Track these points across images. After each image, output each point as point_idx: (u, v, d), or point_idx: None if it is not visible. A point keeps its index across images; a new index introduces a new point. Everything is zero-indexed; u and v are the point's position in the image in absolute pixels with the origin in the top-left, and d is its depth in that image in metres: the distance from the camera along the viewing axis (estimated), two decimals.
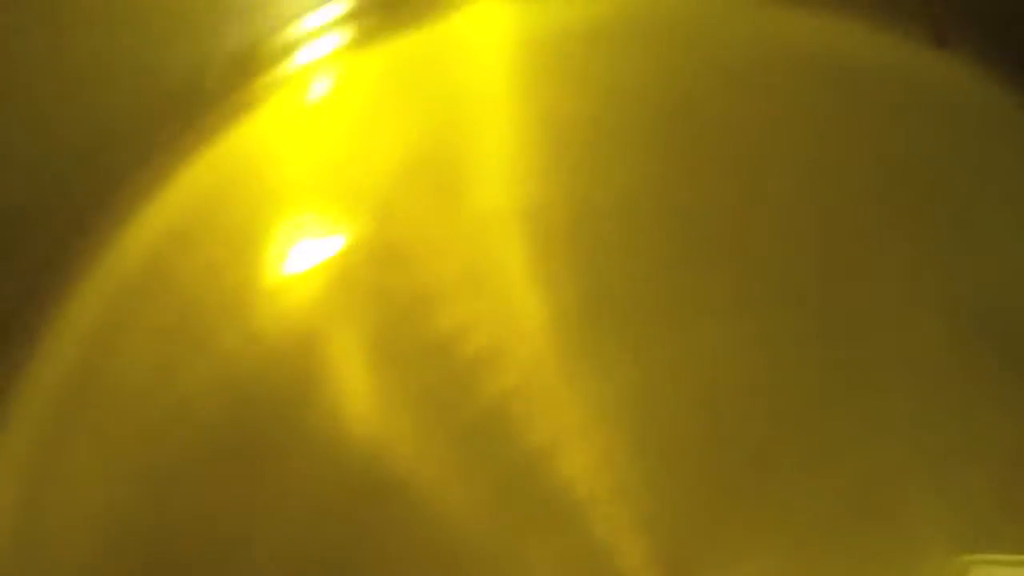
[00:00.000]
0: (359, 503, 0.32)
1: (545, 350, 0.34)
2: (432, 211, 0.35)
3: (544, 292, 0.34)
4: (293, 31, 0.37)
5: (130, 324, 0.35)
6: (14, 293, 0.34)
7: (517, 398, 0.33)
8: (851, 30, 0.37)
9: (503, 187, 0.36)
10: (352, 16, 0.37)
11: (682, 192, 0.35)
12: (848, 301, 0.34)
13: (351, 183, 0.36)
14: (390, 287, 0.34)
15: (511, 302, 0.34)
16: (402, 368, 0.34)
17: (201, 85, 0.36)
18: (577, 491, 0.32)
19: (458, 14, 0.37)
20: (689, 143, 0.36)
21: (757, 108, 0.36)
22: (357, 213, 0.35)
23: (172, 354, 0.34)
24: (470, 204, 0.35)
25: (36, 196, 0.35)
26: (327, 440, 0.33)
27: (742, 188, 0.35)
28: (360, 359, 0.34)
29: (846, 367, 0.33)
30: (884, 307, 0.34)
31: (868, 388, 0.33)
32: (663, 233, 0.35)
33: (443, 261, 0.35)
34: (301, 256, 0.35)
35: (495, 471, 0.32)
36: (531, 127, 0.36)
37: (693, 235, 0.35)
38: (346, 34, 0.37)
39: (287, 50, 0.37)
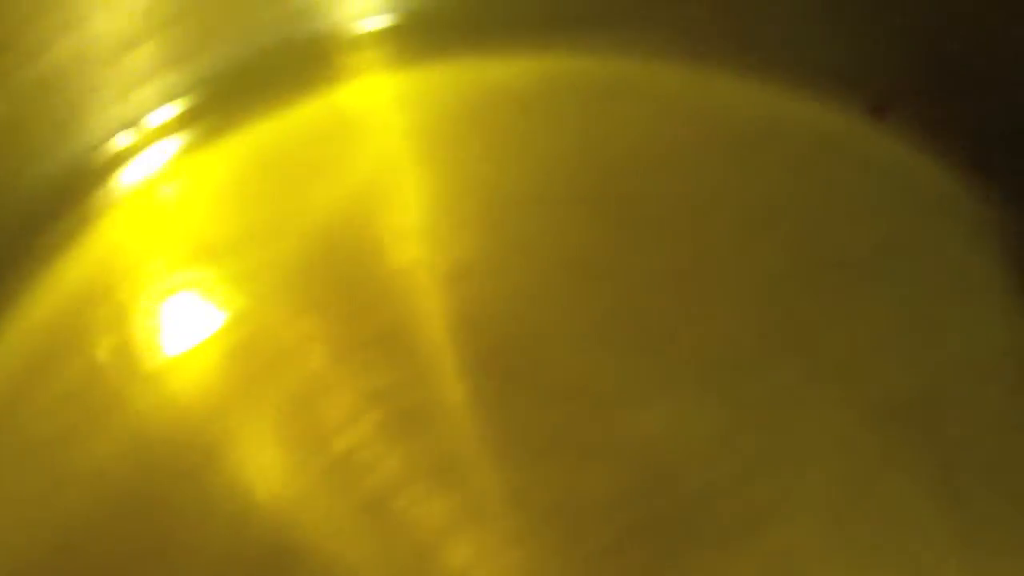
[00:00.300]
0: (261, 568, 0.32)
1: (460, 423, 0.33)
2: (342, 280, 0.35)
3: (463, 362, 0.34)
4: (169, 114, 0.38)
5: (38, 388, 0.34)
6: None
7: (426, 471, 0.33)
8: (788, 100, 0.36)
9: (419, 257, 0.36)
10: (227, 98, 0.38)
11: (605, 264, 0.35)
12: (773, 382, 0.33)
13: (257, 252, 0.36)
14: (299, 356, 0.34)
15: (427, 372, 0.34)
16: (310, 437, 0.33)
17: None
18: (479, 570, 0.31)
19: (343, 88, 0.38)
20: (615, 212, 0.35)
21: (687, 179, 0.36)
22: (264, 279, 0.35)
23: (82, 415, 0.34)
24: (382, 273, 0.35)
25: None
26: (232, 506, 0.33)
27: (668, 262, 0.35)
28: (267, 428, 0.34)
29: (768, 447, 0.33)
30: (810, 389, 0.33)
31: (789, 466, 0.32)
32: (585, 307, 0.34)
33: (356, 327, 0.34)
34: (206, 328, 0.35)
35: (399, 543, 0.32)
36: (449, 196, 0.36)
37: (615, 311, 0.34)
38: (225, 117, 0.38)
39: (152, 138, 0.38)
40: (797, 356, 0.34)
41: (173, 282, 0.36)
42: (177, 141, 0.38)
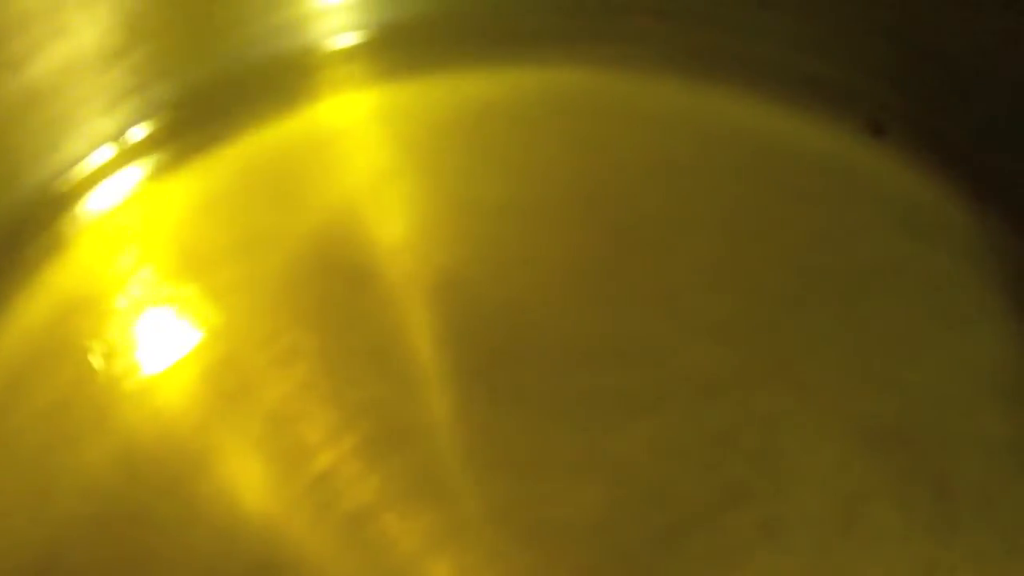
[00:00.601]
0: None
1: (445, 439, 0.33)
2: (327, 294, 0.35)
3: (447, 380, 0.34)
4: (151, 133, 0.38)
5: (22, 400, 0.34)
6: None
7: (410, 487, 0.32)
8: (784, 118, 0.36)
9: (406, 269, 0.35)
10: (210, 112, 0.38)
11: (592, 279, 0.35)
12: (760, 404, 0.33)
13: (241, 266, 0.36)
14: (284, 370, 0.34)
15: (412, 386, 0.34)
16: (295, 451, 0.33)
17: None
18: None
19: (324, 103, 0.38)
20: (602, 226, 0.35)
21: (677, 194, 0.36)
22: (249, 294, 0.35)
23: (68, 427, 0.34)
24: (367, 286, 0.35)
25: None
26: (216, 520, 0.33)
27: (656, 278, 0.35)
28: (252, 442, 0.34)
29: (754, 472, 0.32)
30: (798, 413, 0.33)
31: (775, 492, 0.32)
32: (572, 322, 0.34)
33: (343, 341, 0.34)
34: (190, 341, 0.35)
35: (381, 559, 0.32)
36: (434, 209, 0.36)
37: (603, 327, 0.34)
38: (209, 132, 0.38)
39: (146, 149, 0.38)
40: (785, 379, 0.33)
41: (157, 295, 0.36)
42: (159, 156, 0.38)
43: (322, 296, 0.35)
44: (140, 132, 0.38)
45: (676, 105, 0.37)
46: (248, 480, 0.33)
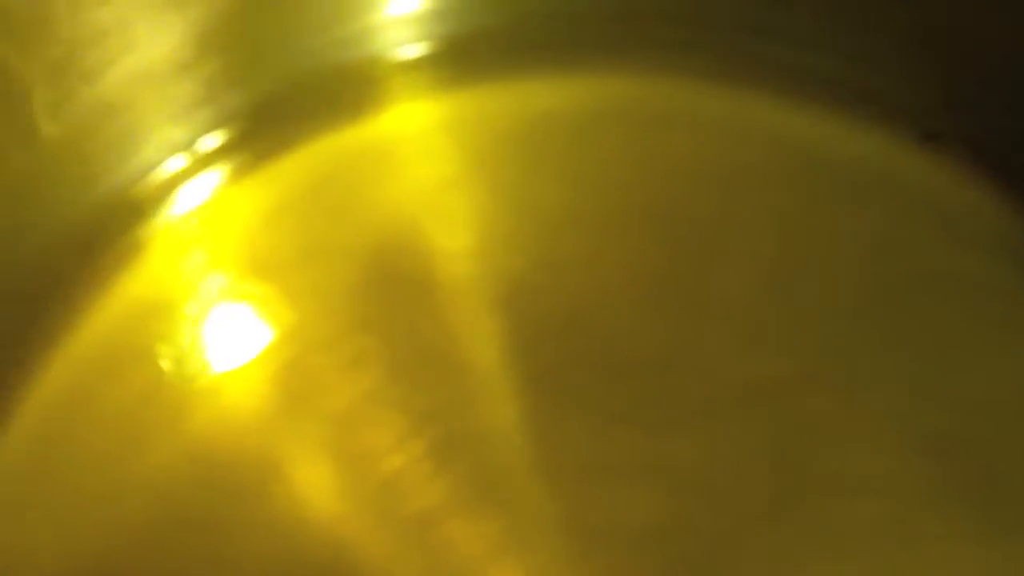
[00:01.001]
0: None
1: (510, 446, 0.34)
2: (392, 300, 0.36)
3: (512, 386, 0.34)
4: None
5: (97, 402, 0.35)
6: None
7: (476, 492, 0.33)
8: (836, 124, 0.37)
9: (468, 278, 0.36)
10: (278, 122, 0.39)
11: (652, 287, 0.35)
12: (815, 411, 0.33)
13: (309, 272, 0.36)
14: (351, 375, 0.35)
15: (477, 394, 0.34)
16: (362, 455, 0.34)
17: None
18: None
19: (390, 112, 0.39)
20: (661, 235, 0.36)
21: (732, 202, 0.36)
22: (316, 300, 0.36)
23: (140, 429, 0.35)
24: (433, 294, 0.36)
25: None
26: (283, 523, 0.33)
27: (713, 285, 0.35)
28: (319, 445, 0.34)
29: (808, 479, 0.33)
30: (851, 421, 0.33)
31: (829, 500, 0.32)
32: (633, 329, 0.35)
33: (407, 348, 0.35)
34: (259, 345, 0.36)
35: (447, 564, 0.32)
36: (495, 218, 0.37)
37: (663, 334, 0.34)
38: (277, 140, 0.38)
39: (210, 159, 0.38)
40: (839, 385, 0.34)
41: (226, 300, 0.36)
42: (229, 164, 0.38)
43: (387, 302, 0.36)
44: (211, 142, 0.38)
45: (731, 114, 0.37)
46: (315, 483, 0.34)
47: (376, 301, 0.36)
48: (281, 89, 0.38)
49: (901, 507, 0.32)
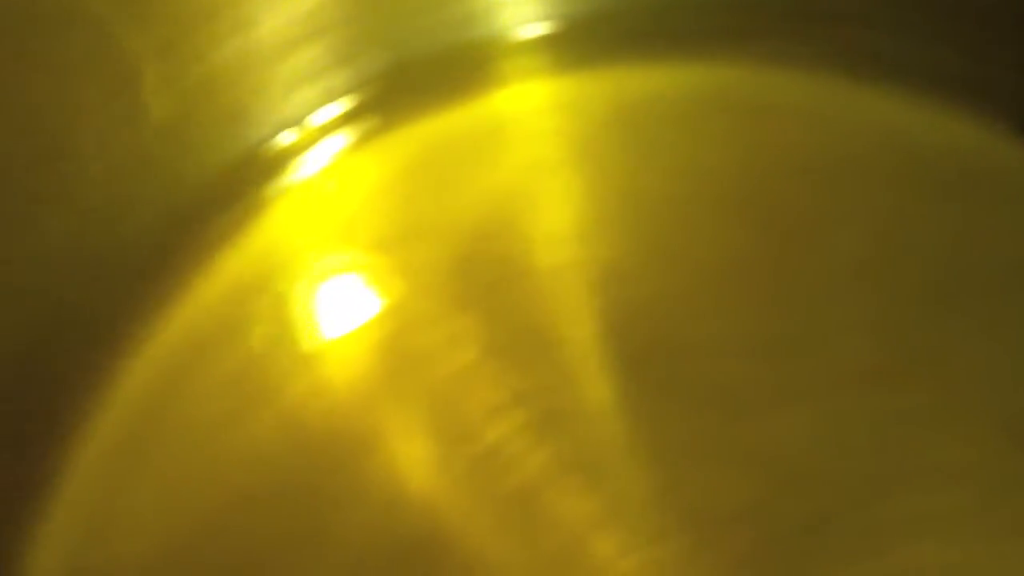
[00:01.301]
0: (409, 558, 0.33)
1: (605, 424, 0.34)
2: (492, 278, 0.36)
3: (607, 367, 0.35)
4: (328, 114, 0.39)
5: (199, 373, 0.36)
6: (84, 337, 0.36)
7: (571, 468, 0.33)
8: (935, 115, 0.37)
9: (568, 259, 0.36)
10: (387, 99, 0.39)
11: (750, 273, 0.35)
12: (907, 399, 0.34)
13: (411, 249, 0.37)
14: (449, 351, 0.35)
15: (573, 373, 0.35)
16: (458, 430, 0.34)
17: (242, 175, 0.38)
18: (621, 565, 0.32)
19: (500, 93, 0.39)
20: (761, 222, 0.36)
21: (833, 192, 0.36)
22: (418, 275, 0.36)
23: (240, 400, 0.35)
24: (532, 274, 0.36)
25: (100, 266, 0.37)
26: (381, 495, 0.33)
27: (809, 273, 0.35)
28: (416, 418, 0.35)
29: (899, 465, 0.33)
30: (942, 409, 0.33)
31: (918, 486, 0.33)
32: (729, 314, 0.35)
33: (505, 327, 0.35)
34: (359, 318, 0.36)
35: (543, 536, 0.33)
36: (598, 201, 0.37)
37: (759, 320, 0.35)
38: (385, 118, 0.39)
39: (321, 133, 0.39)
40: (930, 374, 0.34)
41: (329, 274, 0.37)
42: (338, 140, 0.39)
43: (485, 282, 0.36)
44: (320, 118, 0.39)
45: (831, 103, 0.37)
46: (411, 457, 0.34)
47: (475, 280, 0.36)
48: (395, 67, 0.39)
49: (991, 493, 0.32)
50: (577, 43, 0.39)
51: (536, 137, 0.38)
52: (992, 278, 0.35)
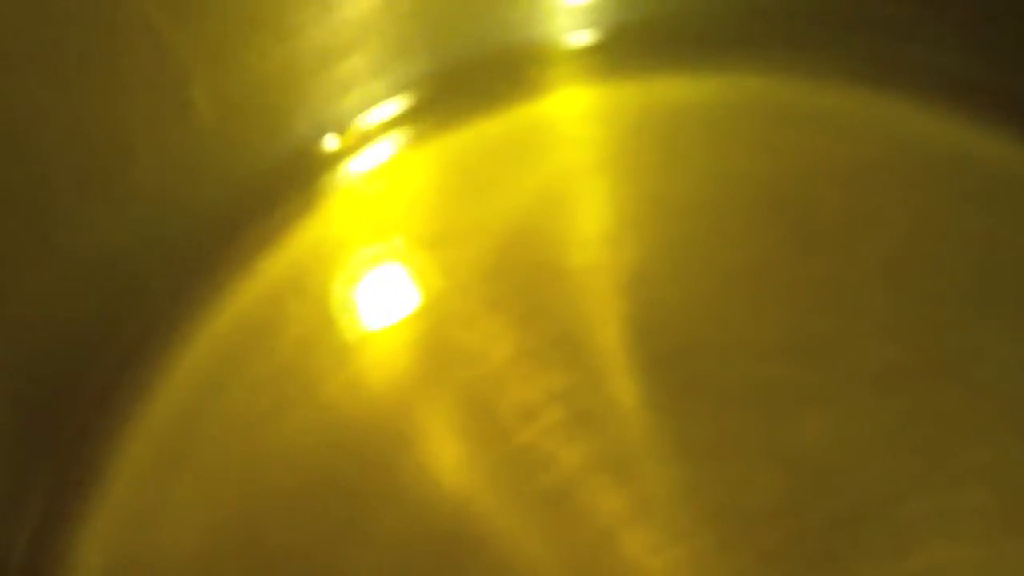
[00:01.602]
0: (442, 554, 0.33)
1: (634, 424, 0.34)
2: (526, 280, 0.37)
3: (637, 368, 0.35)
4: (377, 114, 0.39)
5: (242, 370, 0.36)
6: (132, 335, 0.37)
7: (602, 467, 0.34)
8: (962, 123, 0.37)
9: (600, 262, 0.37)
10: (430, 104, 0.39)
11: (779, 276, 0.36)
12: (936, 399, 0.34)
13: (449, 249, 0.37)
14: (482, 351, 0.36)
15: (603, 374, 0.35)
16: (491, 428, 0.35)
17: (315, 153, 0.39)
18: (650, 562, 0.33)
19: (545, 99, 0.39)
20: (790, 228, 0.36)
21: (858, 198, 0.37)
22: (454, 275, 0.37)
23: (281, 397, 0.36)
24: (565, 276, 0.37)
25: (154, 257, 0.37)
26: (415, 491, 0.34)
27: (836, 278, 0.36)
28: (450, 416, 0.35)
29: (927, 463, 0.33)
30: (971, 409, 0.34)
31: (947, 485, 0.33)
32: (757, 316, 0.35)
33: (538, 327, 0.36)
34: (395, 317, 0.37)
35: (575, 533, 0.33)
36: (630, 206, 0.38)
37: (787, 321, 0.35)
38: (427, 123, 0.39)
39: (373, 135, 0.39)
40: (957, 376, 0.34)
41: (369, 273, 0.38)
42: (385, 142, 0.39)
43: (520, 284, 0.37)
44: (370, 120, 0.39)
45: (860, 112, 0.38)
46: (445, 455, 0.35)
47: (510, 281, 0.37)
48: (438, 74, 0.39)
49: (1017, 496, 0.33)
50: (613, 53, 0.40)
51: (572, 143, 0.39)
52: (1015, 282, 0.35)
